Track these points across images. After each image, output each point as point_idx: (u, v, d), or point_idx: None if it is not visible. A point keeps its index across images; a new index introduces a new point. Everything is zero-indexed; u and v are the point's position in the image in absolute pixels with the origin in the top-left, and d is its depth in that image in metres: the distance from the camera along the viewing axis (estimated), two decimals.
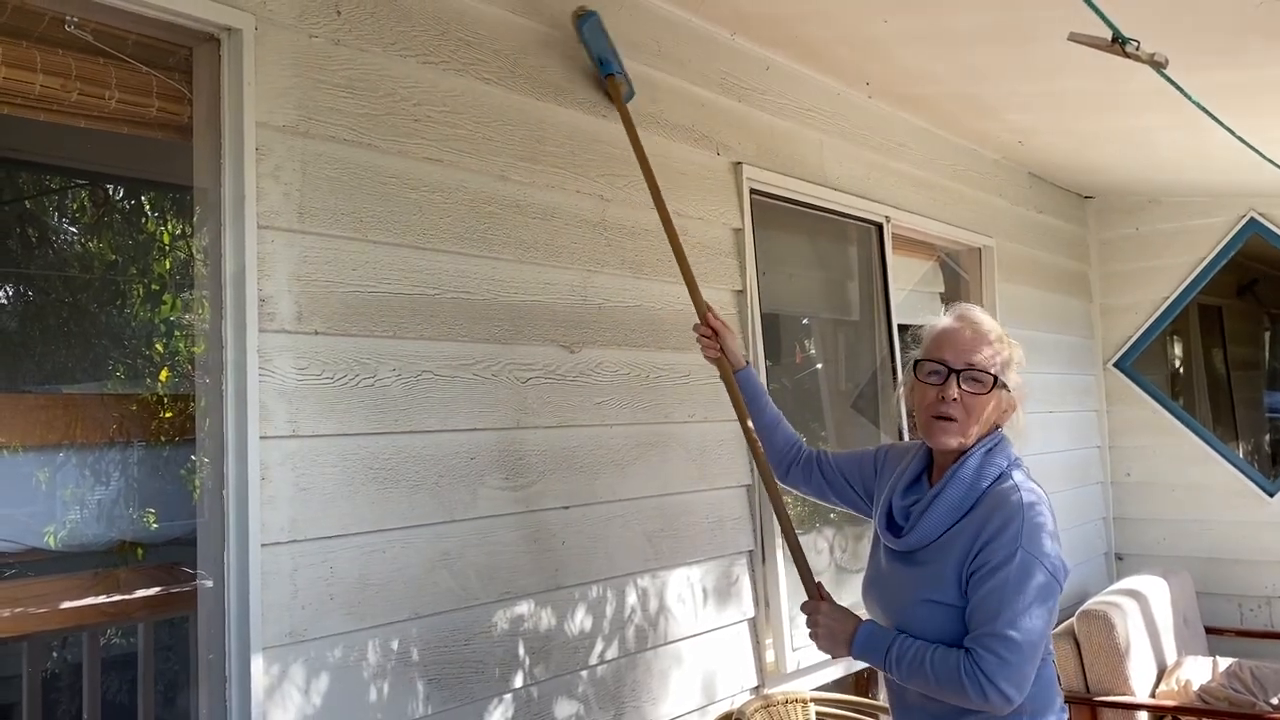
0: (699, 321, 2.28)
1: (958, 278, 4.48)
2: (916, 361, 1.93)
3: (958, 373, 1.85)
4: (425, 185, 2.17)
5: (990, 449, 1.86)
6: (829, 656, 2.06)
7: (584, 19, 2.43)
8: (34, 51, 1.76)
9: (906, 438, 3.73)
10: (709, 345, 2.26)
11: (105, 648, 3.45)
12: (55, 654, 3.51)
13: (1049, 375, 4.86)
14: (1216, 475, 5.11)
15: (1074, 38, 2.28)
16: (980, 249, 4.39)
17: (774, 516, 2.96)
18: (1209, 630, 4.81)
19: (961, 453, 1.87)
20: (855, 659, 1.92)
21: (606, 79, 2.50)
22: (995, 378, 1.85)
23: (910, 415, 2.05)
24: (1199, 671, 4.13)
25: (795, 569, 2.10)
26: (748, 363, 2.29)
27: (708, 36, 2.99)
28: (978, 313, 1.94)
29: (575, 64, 2.56)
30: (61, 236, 3.79)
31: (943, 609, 1.80)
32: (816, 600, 1.98)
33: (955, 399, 1.85)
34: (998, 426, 1.91)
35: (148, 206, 3.66)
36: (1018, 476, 1.84)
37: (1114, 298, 5.41)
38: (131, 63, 1.86)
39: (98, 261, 3.74)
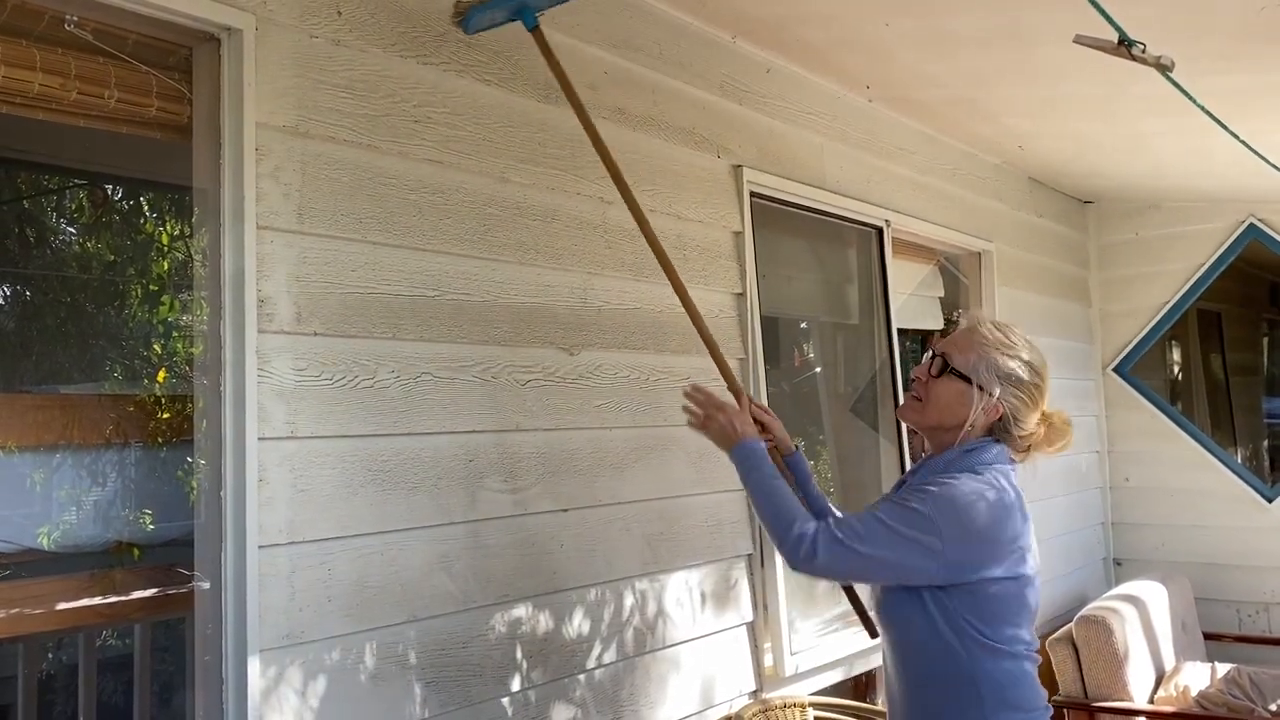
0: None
1: (957, 282, 4.47)
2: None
3: (931, 356, 1.92)
4: (425, 186, 2.16)
5: (971, 450, 1.86)
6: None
7: (466, 20, 2.20)
8: (33, 50, 1.75)
9: (906, 442, 3.72)
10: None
11: (101, 649, 3.44)
12: (51, 655, 3.50)
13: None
14: (1215, 481, 5.10)
15: (1080, 40, 2.27)
16: (980, 253, 4.39)
17: None
18: (1207, 636, 4.80)
19: (945, 447, 1.90)
20: (731, 459, 1.96)
21: (534, 33, 2.21)
22: (951, 367, 1.87)
23: None
24: (1197, 677, 4.12)
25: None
26: (797, 449, 2.13)
27: (709, 39, 2.98)
28: (983, 315, 1.97)
29: (577, 65, 2.55)
30: (60, 236, 3.78)
31: (917, 602, 1.80)
32: (738, 399, 2.05)
33: (919, 379, 1.92)
34: (990, 434, 1.89)
35: (146, 207, 3.65)
36: (967, 476, 1.81)
37: (1113, 303, 5.40)
38: (131, 62, 1.85)
39: (96, 262, 3.73)
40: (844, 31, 3.01)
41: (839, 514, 2.05)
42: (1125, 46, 2.25)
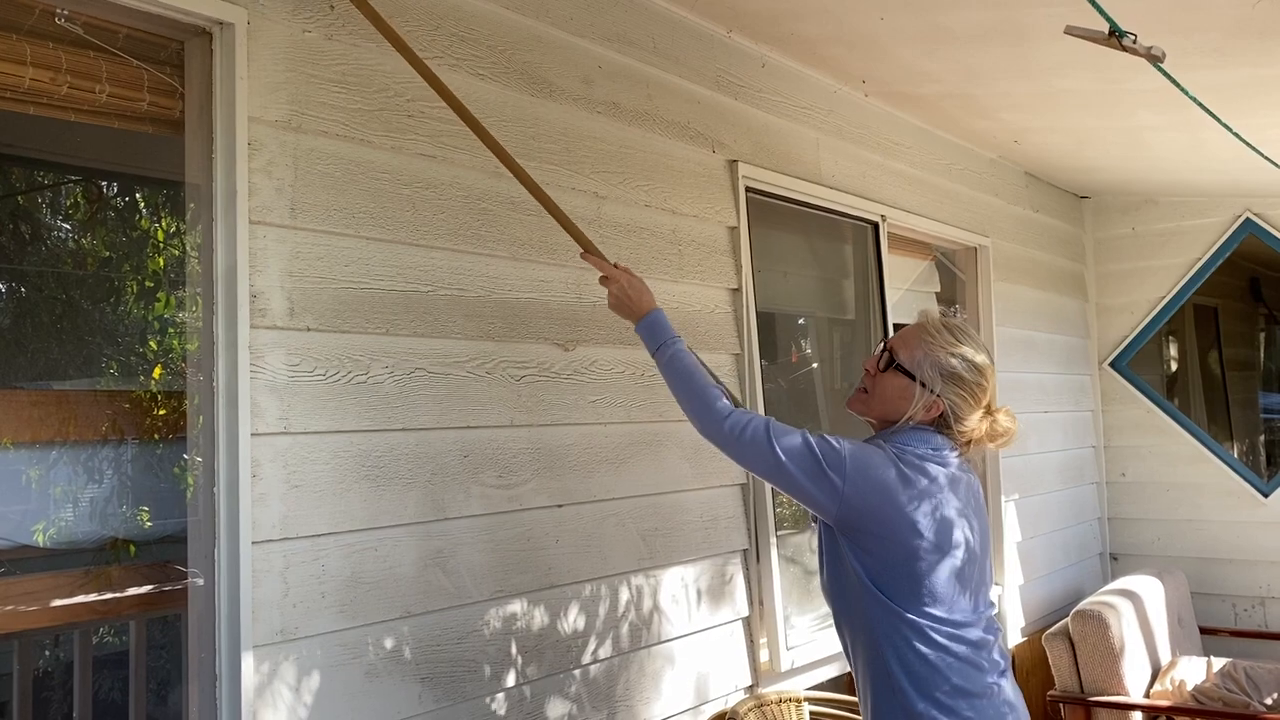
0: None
1: (954, 277, 4.47)
2: None
3: (882, 350, 1.98)
4: (418, 181, 2.15)
5: (892, 432, 1.94)
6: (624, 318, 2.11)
7: None
8: (24, 44, 1.74)
9: None
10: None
11: (97, 646, 3.43)
12: (46, 652, 3.50)
13: (1044, 375, 4.86)
14: (1211, 475, 5.11)
15: (1071, 31, 2.27)
16: (976, 248, 4.38)
17: (769, 516, 2.97)
18: (1203, 630, 4.81)
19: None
20: (636, 333, 2.05)
21: None
22: (897, 362, 1.93)
23: None
24: (1193, 672, 4.13)
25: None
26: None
27: (704, 34, 2.98)
28: (936, 315, 2.00)
29: (570, 60, 2.55)
30: (54, 232, 3.77)
31: (839, 565, 1.88)
32: (617, 267, 2.09)
33: (867, 370, 2.00)
34: (932, 425, 1.93)
35: (141, 202, 3.64)
36: (883, 444, 1.90)
37: (1110, 297, 5.41)
38: (122, 56, 1.84)
39: (90, 258, 3.72)
40: (839, 26, 3.01)
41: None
42: (1116, 37, 2.26)
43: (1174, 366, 7.14)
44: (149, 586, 2.45)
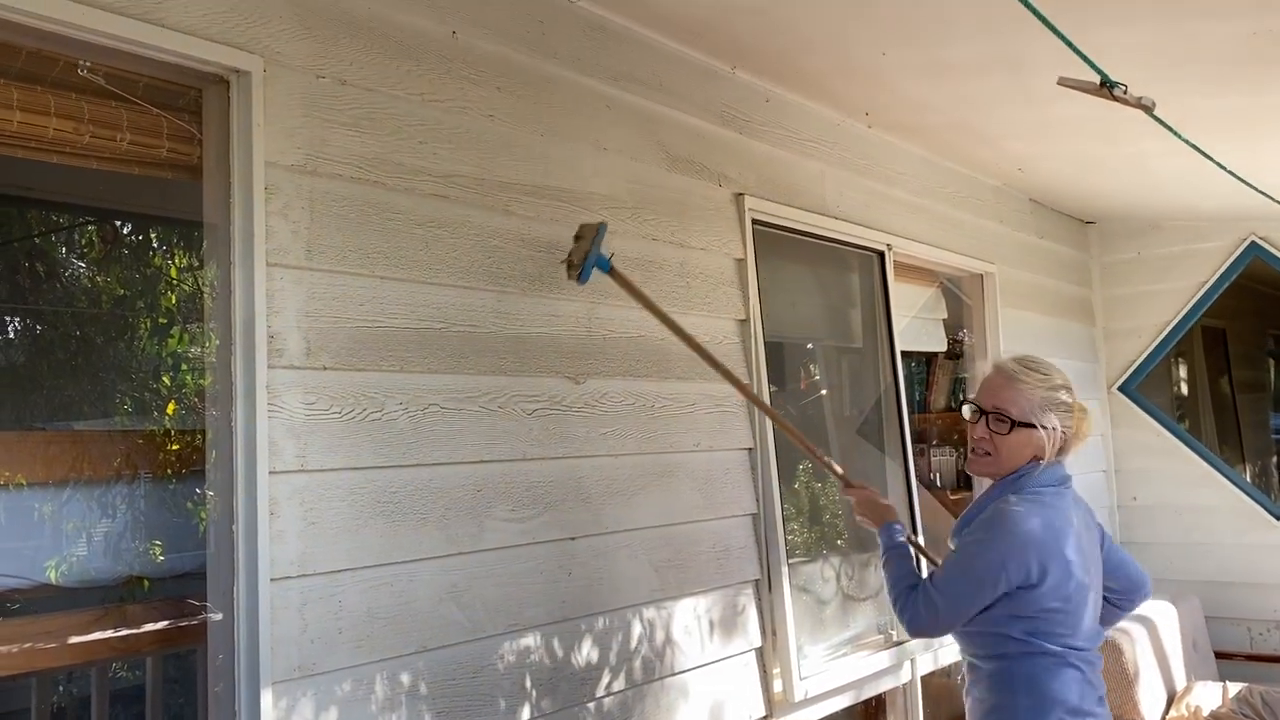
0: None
1: (960, 303, 4.49)
2: (963, 401, 2.16)
3: (987, 414, 2.12)
4: (431, 221, 2.19)
5: (1018, 478, 2.10)
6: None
7: (581, 276, 2.40)
8: (48, 96, 1.79)
9: (912, 464, 3.73)
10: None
11: (112, 681, 3.44)
12: (63, 689, 3.51)
13: None
14: (1223, 498, 5.09)
15: (1063, 82, 2.33)
16: (982, 275, 4.41)
17: (780, 546, 2.98)
18: (1218, 655, 4.78)
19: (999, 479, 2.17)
20: (878, 535, 2.34)
21: (610, 274, 2.45)
22: (1014, 421, 2.09)
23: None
24: (1209, 697, 4.11)
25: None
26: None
27: (709, 70, 3.02)
28: (1011, 360, 2.19)
29: (577, 101, 2.59)
30: (70, 271, 3.83)
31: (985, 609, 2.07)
32: (858, 486, 2.44)
33: (983, 437, 2.15)
34: (1039, 459, 2.12)
35: (155, 243, 3.70)
36: (1015, 499, 2.06)
37: (1117, 322, 5.42)
38: (142, 105, 1.89)
39: (106, 297, 3.77)
40: (842, 60, 3.05)
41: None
42: (1107, 88, 2.32)
43: (1183, 389, 7.13)
44: (165, 622, 2.47)
